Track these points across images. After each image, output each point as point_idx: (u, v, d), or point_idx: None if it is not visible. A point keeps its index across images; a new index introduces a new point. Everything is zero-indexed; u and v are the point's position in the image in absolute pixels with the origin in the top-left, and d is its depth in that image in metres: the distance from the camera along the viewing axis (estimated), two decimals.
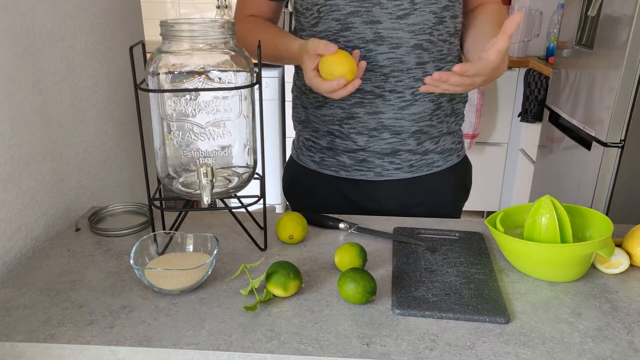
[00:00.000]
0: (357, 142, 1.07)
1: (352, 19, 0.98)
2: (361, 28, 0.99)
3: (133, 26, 1.30)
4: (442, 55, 1.04)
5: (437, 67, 1.05)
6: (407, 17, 0.98)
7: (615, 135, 1.93)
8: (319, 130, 1.12)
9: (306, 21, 1.05)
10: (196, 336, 0.69)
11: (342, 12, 0.99)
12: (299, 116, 1.16)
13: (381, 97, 1.03)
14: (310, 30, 1.04)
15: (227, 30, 0.80)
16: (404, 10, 0.97)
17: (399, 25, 0.98)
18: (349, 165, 1.11)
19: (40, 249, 0.94)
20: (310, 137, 1.15)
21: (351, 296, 0.74)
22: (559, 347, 0.67)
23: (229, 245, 0.92)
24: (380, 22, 0.98)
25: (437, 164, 1.13)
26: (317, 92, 1.06)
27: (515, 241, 0.80)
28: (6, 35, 0.85)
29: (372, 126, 1.05)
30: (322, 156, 1.14)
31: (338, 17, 0.99)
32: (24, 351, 0.68)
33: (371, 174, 1.10)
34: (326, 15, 1.00)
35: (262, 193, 0.89)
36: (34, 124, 0.93)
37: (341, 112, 1.06)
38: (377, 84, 1.02)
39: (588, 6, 2.11)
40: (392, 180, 1.11)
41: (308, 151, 1.16)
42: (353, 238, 0.95)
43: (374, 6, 0.97)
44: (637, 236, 0.85)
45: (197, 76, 0.80)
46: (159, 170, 0.87)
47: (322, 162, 1.14)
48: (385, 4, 0.97)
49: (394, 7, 0.97)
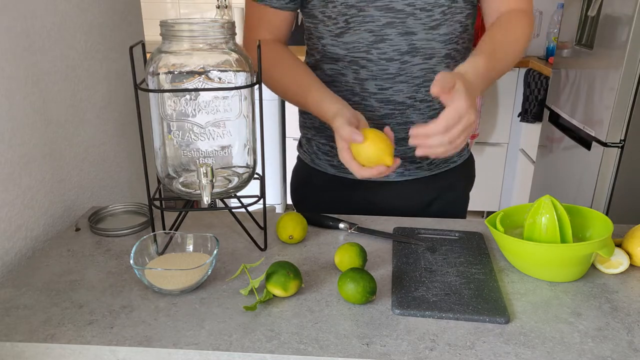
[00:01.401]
0: None
1: (387, 30, 0.97)
2: (396, 40, 0.97)
3: (133, 26, 1.30)
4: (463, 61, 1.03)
5: None
6: (439, 28, 0.98)
7: (615, 135, 1.93)
8: None
9: (327, 30, 1.01)
10: (196, 336, 0.69)
11: (376, 24, 0.97)
12: (312, 122, 1.13)
13: (412, 107, 1.03)
14: (334, 39, 1.01)
15: (227, 30, 0.80)
16: (436, 20, 0.97)
17: (432, 36, 0.98)
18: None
19: (40, 249, 0.94)
20: (327, 142, 1.13)
21: (351, 296, 0.74)
22: (559, 347, 0.67)
23: (229, 245, 0.92)
24: (415, 34, 0.97)
25: (453, 159, 1.15)
26: None
27: (515, 241, 0.80)
28: (6, 35, 0.85)
29: (402, 136, 1.05)
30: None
31: (372, 29, 0.97)
32: (24, 351, 0.68)
33: (393, 174, 1.10)
34: (357, 26, 0.98)
35: (262, 193, 0.89)
36: (34, 124, 0.93)
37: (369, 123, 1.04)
38: (409, 94, 1.02)
39: (588, 6, 2.11)
40: (413, 179, 1.11)
41: (325, 155, 1.14)
42: (353, 238, 0.95)
43: (408, 17, 0.96)
44: (637, 236, 0.85)
45: (197, 76, 0.80)
46: (159, 170, 0.87)
47: (341, 166, 1.12)
48: (418, 14, 0.96)
49: (427, 17, 0.96)
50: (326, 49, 1.03)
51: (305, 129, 1.17)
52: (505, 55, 0.96)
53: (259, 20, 1.06)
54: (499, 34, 0.97)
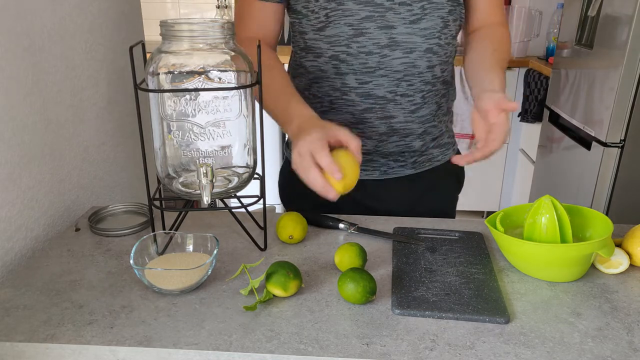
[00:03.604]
0: (366, 145, 1.07)
1: (367, 24, 0.98)
2: (376, 33, 0.98)
3: (133, 26, 1.30)
4: (447, 57, 1.05)
5: (443, 69, 1.06)
6: (419, 22, 0.98)
7: (615, 135, 1.93)
8: None
9: (310, 24, 1.02)
10: (196, 336, 0.69)
11: (355, 17, 0.97)
12: None
13: (393, 101, 1.03)
14: (316, 33, 1.02)
15: (227, 30, 0.80)
16: (416, 15, 0.98)
17: (412, 30, 0.98)
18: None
19: (40, 249, 0.94)
20: None
21: (351, 296, 0.74)
22: (559, 347, 0.67)
23: (229, 245, 0.92)
24: (395, 27, 0.98)
25: (437, 158, 1.15)
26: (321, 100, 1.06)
27: (515, 241, 0.80)
28: (6, 35, 0.85)
29: (382, 130, 1.05)
30: None
31: (351, 22, 0.98)
32: (24, 351, 0.68)
33: (377, 173, 1.11)
34: (337, 19, 0.98)
35: (262, 193, 0.89)
36: (34, 124, 0.93)
37: (350, 117, 1.05)
38: (390, 88, 1.02)
39: (588, 6, 2.11)
40: (396, 177, 1.12)
41: None
42: (353, 238, 0.95)
43: (387, 11, 0.97)
44: (637, 236, 0.85)
45: (197, 76, 0.80)
46: (159, 170, 0.87)
47: None
48: (397, 9, 0.97)
49: (407, 12, 0.97)
50: (309, 44, 1.04)
51: None
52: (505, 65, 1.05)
53: (248, 15, 1.06)
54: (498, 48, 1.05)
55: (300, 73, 1.09)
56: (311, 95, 1.08)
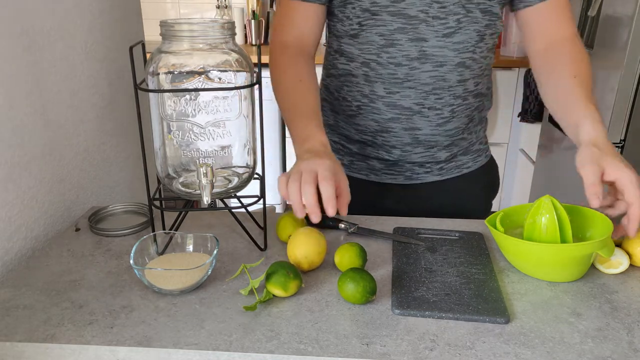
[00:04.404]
0: (390, 152, 1.07)
1: (398, 35, 0.96)
2: (406, 45, 0.97)
3: (133, 26, 1.30)
4: (481, 70, 1.03)
5: (476, 82, 1.03)
6: (453, 36, 0.96)
7: (615, 135, 1.93)
8: (349, 136, 1.10)
9: (344, 29, 1.01)
10: (196, 336, 0.69)
11: (387, 28, 0.96)
12: (327, 119, 1.13)
13: (419, 113, 1.02)
14: (349, 39, 1.01)
15: (227, 30, 0.80)
16: (450, 28, 0.96)
17: (444, 44, 0.97)
18: (379, 169, 1.10)
19: (40, 249, 0.94)
20: (339, 140, 1.13)
21: (351, 296, 0.74)
22: (559, 347, 0.67)
23: (229, 245, 0.92)
24: (426, 40, 0.96)
25: (467, 165, 1.13)
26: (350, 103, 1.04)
27: (515, 241, 0.80)
28: (6, 35, 0.85)
29: (407, 141, 1.04)
30: (352, 159, 1.12)
31: (383, 33, 0.97)
32: (24, 351, 0.68)
33: (401, 177, 1.10)
34: (369, 28, 0.97)
35: (262, 193, 0.89)
36: (34, 124, 0.93)
37: (375, 125, 1.05)
38: (417, 100, 1.01)
39: (588, 6, 2.11)
40: (422, 183, 1.10)
41: (336, 154, 1.13)
42: (353, 238, 0.95)
43: (421, 23, 0.95)
44: (637, 236, 0.85)
45: (197, 76, 0.80)
46: (159, 170, 0.87)
47: (351, 165, 1.12)
48: (431, 22, 0.95)
49: (440, 25, 0.95)
50: (342, 48, 1.04)
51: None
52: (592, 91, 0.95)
53: (288, 17, 1.03)
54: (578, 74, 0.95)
55: (332, 73, 1.09)
56: (341, 97, 1.08)
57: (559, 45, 1.00)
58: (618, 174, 0.78)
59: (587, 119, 0.87)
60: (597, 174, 0.78)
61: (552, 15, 1.00)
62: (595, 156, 0.81)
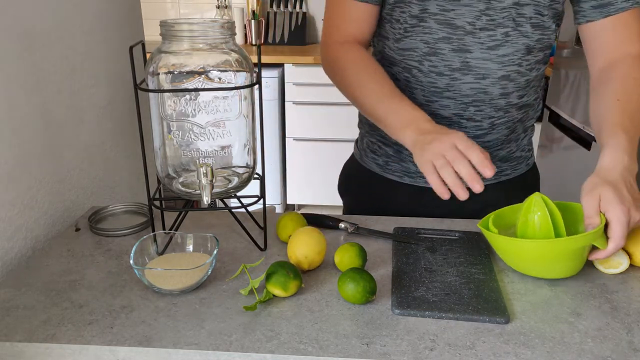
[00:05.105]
0: None
1: (442, 44, 0.95)
2: (449, 55, 0.95)
3: (133, 26, 1.30)
4: (528, 83, 1.00)
5: (520, 95, 1.00)
6: (498, 49, 0.94)
7: None
8: (387, 138, 1.08)
9: (393, 31, 0.99)
10: (196, 336, 0.69)
11: (432, 36, 0.94)
12: (367, 119, 1.11)
13: (457, 124, 1.00)
14: (394, 43, 0.99)
15: (227, 30, 0.80)
16: (496, 41, 0.94)
17: (489, 56, 0.94)
18: (413, 171, 1.08)
19: (40, 249, 0.94)
20: (376, 141, 1.12)
21: (351, 296, 0.74)
22: (558, 347, 0.67)
23: (229, 245, 0.92)
24: (470, 52, 0.94)
25: (506, 172, 1.10)
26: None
27: (510, 240, 0.80)
28: (6, 35, 0.85)
29: None
30: (387, 160, 1.11)
31: (427, 40, 0.95)
32: (24, 351, 0.68)
33: None
34: (414, 34, 0.96)
35: (262, 193, 0.89)
36: (34, 124, 0.93)
37: None
38: (456, 111, 0.99)
39: None
40: None
41: (373, 154, 1.13)
42: (353, 238, 0.95)
43: (466, 35, 0.93)
44: (637, 236, 0.85)
45: (197, 76, 0.80)
46: (159, 170, 0.87)
47: (386, 166, 1.11)
48: (477, 33, 0.93)
49: (487, 37, 0.93)
50: (385, 51, 1.03)
51: (361, 124, 1.17)
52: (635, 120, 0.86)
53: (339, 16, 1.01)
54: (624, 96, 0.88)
55: None
56: None
57: (619, 63, 0.93)
58: (609, 208, 0.77)
59: (608, 146, 0.83)
60: (594, 204, 0.78)
61: (615, 31, 0.94)
62: (595, 185, 0.79)
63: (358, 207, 1.15)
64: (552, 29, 0.96)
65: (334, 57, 1.01)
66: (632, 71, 0.92)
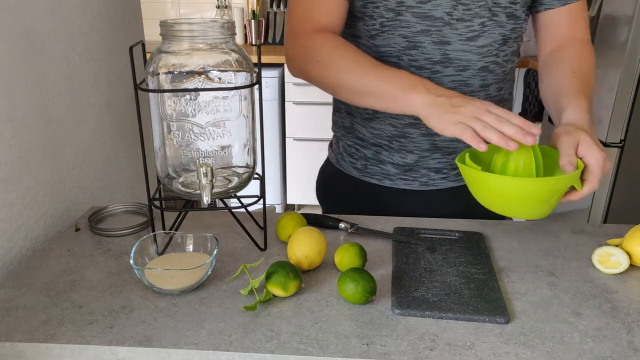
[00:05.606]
0: (406, 158, 1.05)
1: (421, 37, 0.94)
2: (430, 48, 0.95)
3: (133, 26, 1.30)
4: (504, 75, 1.02)
5: (499, 87, 1.02)
6: (477, 39, 0.95)
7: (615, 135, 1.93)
8: (365, 140, 1.07)
9: (365, 29, 0.98)
10: (196, 336, 0.69)
11: (411, 30, 0.94)
12: (343, 122, 1.12)
13: None
14: (368, 40, 0.99)
15: (227, 30, 0.80)
16: (474, 32, 0.94)
17: (468, 47, 0.95)
18: (393, 174, 1.08)
19: (40, 249, 0.94)
20: (353, 144, 1.11)
21: (351, 296, 0.74)
22: (558, 347, 0.67)
23: (229, 245, 0.92)
24: (450, 44, 0.94)
25: None
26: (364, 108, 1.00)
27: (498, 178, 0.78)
28: (6, 36, 0.85)
29: (425, 147, 1.02)
30: (366, 164, 1.10)
31: (406, 35, 0.95)
32: (24, 351, 0.68)
33: (416, 183, 1.07)
34: (392, 30, 0.95)
35: (262, 193, 0.89)
36: (34, 124, 0.93)
37: (392, 130, 1.02)
38: None
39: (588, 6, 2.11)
40: (437, 189, 1.08)
41: (350, 157, 1.12)
42: (353, 238, 0.95)
43: (445, 26, 0.93)
44: (637, 236, 0.85)
45: (197, 76, 0.80)
46: (159, 170, 0.87)
47: (364, 170, 1.10)
48: (455, 24, 0.93)
49: (464, 28, 0.94)
50: (360, 49, 1.00)
51: (336, 127, 1.15)
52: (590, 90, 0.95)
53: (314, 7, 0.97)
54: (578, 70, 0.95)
55: None
56: None
57: (569, 45, 1.01)
58: (588, 152, 0.79)
59: (571, 106, 0.88)
60: (572, 145, 0.79)
61: (570, 18, 1.01)
62: (571, 130, 0.81)
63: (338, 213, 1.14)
64: (523, 19, 0.99)
65: (310, 45, 0.95)
66: (582, 51, 1.00)
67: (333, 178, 1.18)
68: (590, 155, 0.78)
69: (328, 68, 0.93)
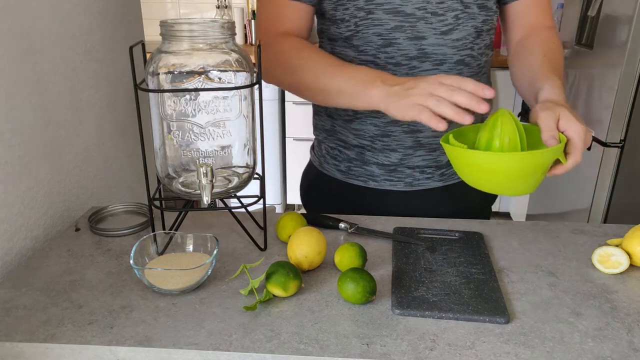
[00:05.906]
0: (390, 158, 1.05)
1: (396, 34, 0.95)
2: (405, 44, 0.95)
3: (133, 26, 1.30)
4: (480, 68, 1.03)
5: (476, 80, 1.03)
6: (451, 33, 0.95)
7: (615, 135, 1.93)
8: (347, 141, 1.07)
9: (338, 32, 0.99)
10: (196, 336, 0.69)
11: (385, 27, 0.95)
12: (324, 125, 1.11)
13: None
14: (344, 42, 0.99)
15: (227, 30, 0.80)
16: (448, 25, 0.95)
17: (444, 41, 0.96)
18: (378, 175, 1.08)
19: (40, 249, 0.94)
20: (336, 146, 1.10)
21: (351, 296, 0.74)
22: (558, 347, 0.67)
23: (229, 245, 0.92)
24: (425, 38, 0.95)
25: None
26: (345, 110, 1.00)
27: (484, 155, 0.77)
28: (6, 36, 0.85)
29: (408, 144, 1.03)
30: (349, 165, 1.10)
31: (380, 32, 0.95)
32: (24, 351, 0.68)
33: (401, 184, 1.07)
34: (366, 29, 0.96)
35: (262, 193, 0.89)
36: (34, 124, 0.93)
37: (375, 129, 1.03)
38: None
39: (588, 6, 2.11)
40: (423, 190, 1.08)
41: (333, 159, 1.12)
42: (353, 238, 0.95)
43: (418, 21, 0.94)
44: (637, 236, 0.85)
45: (197, 76, 0.80)
46: (159, 170, 0.87)
47: (348, 172, 1.10)
48: (429, 18, 0.94)
49: (439, 22, 0.94)
50: (336, 52, 1.02)
51: (317, 130, 1.15)
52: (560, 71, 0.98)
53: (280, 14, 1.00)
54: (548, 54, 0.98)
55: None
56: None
57: (537, 32, 1.04)
58: (569, 125, 0.79)
59: (547, 85, 0.88)
60: (553, 119, 0.79)
61: (537, 7, 1.04)
62: (550, 106, 0.81)
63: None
64: (494, 10, 1.00)
65: (277, 50, 0.97)
66: (550, 37, 1.03)
67: (316, 181, 1.17)
68: (571, 128, 0.79)
69: (296, 72, 0.95)
